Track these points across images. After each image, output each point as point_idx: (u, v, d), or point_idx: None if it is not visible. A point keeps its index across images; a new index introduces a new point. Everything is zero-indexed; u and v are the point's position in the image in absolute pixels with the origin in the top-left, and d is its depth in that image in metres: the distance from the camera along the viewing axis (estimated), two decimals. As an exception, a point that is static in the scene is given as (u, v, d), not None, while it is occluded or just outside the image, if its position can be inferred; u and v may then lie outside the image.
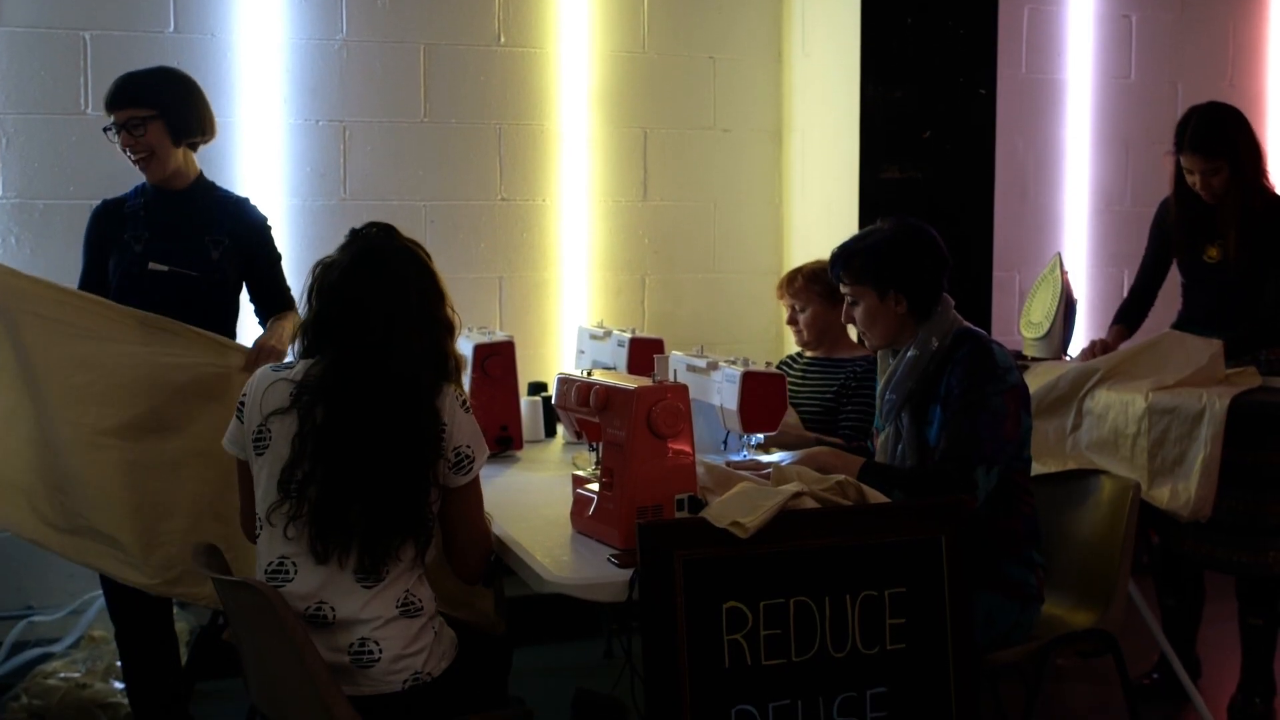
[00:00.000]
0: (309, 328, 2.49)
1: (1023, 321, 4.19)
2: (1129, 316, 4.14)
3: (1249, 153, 3.79)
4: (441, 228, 4.48)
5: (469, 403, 2.50)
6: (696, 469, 2.57)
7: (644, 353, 3.58)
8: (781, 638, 2.32)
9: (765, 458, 3.02)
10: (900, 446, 2.93)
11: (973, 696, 2.46)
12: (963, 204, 4.49)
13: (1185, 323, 3.97)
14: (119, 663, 3.62)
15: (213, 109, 3.49)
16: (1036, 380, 3.67)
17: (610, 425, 2.55)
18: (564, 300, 4.69)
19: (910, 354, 2.92)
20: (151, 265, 3.35)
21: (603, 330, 3.92)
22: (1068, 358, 4.04)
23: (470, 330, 3.67)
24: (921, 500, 2.64)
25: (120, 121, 3.31)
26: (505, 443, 3.53)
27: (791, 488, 2.40)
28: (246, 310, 3.59)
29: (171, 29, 4.15)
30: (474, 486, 2.50)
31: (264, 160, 4.28)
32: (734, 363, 3.05)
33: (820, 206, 4.67)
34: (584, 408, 2.60)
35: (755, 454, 3.07)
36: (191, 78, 3.48)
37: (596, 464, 2.67)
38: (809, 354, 3.88)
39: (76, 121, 4.06)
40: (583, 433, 2.73)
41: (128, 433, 3.15)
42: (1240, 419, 3.34)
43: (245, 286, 3.54)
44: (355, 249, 2.50)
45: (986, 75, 4.51)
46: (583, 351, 4.01)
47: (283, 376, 2.47)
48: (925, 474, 2.82)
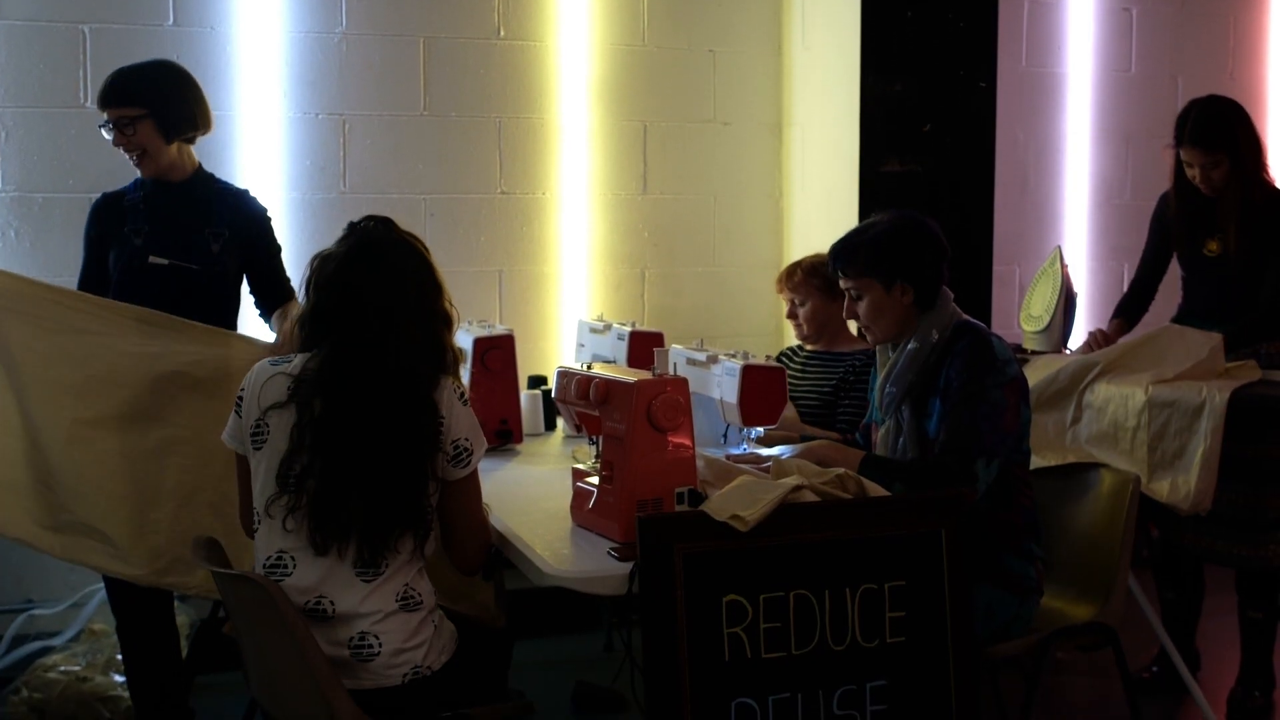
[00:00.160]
0: (306, 320, 2.49)
1: (1023, 315, 4.18)
2: (1129, 310, 4.14)
3: (1249, 146, 3.78)
4: (441, 221, 4.48)
5: (467, 395, 2.50)
6: (696, 462, 2.57)
7: (644, 346, 3.58)
8: (781, 631, 2.33)
9: (765, 451, 3.02)
10: (901, 440, 2.93)
11: (972, 689, 2.46)
12: (963, 197, 4.48)
13: (1185, 316, 3.97)
14: (119, 656, 3.62)
15: (209, 102, 3.49)
16: (1036, 374, 3.67)
17: (610, 419, 2.55)
18: (564, 293, 4.68)
19: (911, 346, 2.92)
20: (152, 259, 3.35)
21: (603, 324, 3.92)
22: (1068, 351, 4.04)
23: (470, 324, 3.67)
24: (921, 493, 2.65)
25: (111, 119, 3.32)
26: (505, 436, 3.53)
27: (791, 481, 2.40)
28: (248, 302, 3.59)
29: (171, 22, 4.14)
30: (472, 479, 2.51)
31: (263, 154, 4.27)
32: (734, 356, 3.05)
33: (820, 199, 4.67)
34: (584, 401, 2.60)
35: (755, 447, 3.07)
36: (186, 71, 3.47)
37: (596, 457, 2.67)
38: (809, 347, 3.88)
39: (76, 115, 4.06)
40: (582, 426, 2.73)
41: (109, 423, 3.14)
42: (1240, 412, 3.34)
43: (246, 279, 3.54)
44: (353, 242, 2.50)
45: (987, 68, 4.50)
46: (582, 345, 4.01)
47: (280, 370, 2.47)
48: (925, 467, 2.82)
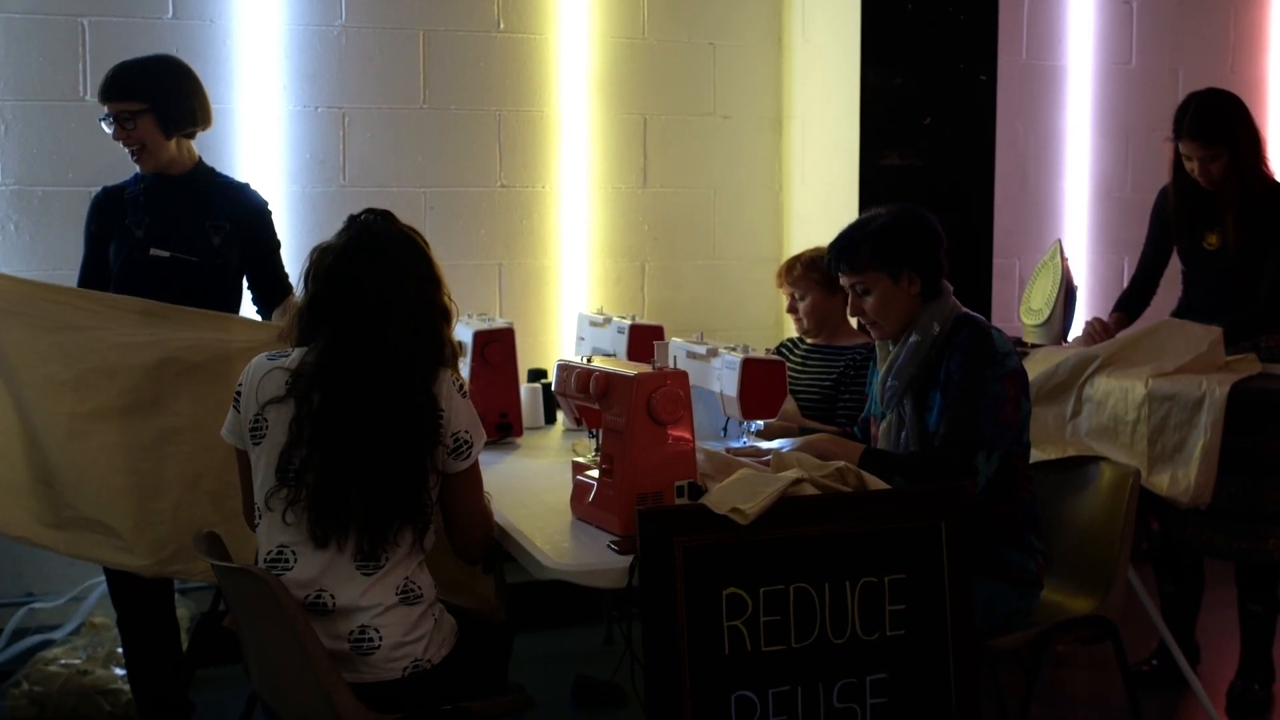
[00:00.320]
0: (304, 312, 2.48)
1: (1023, 308, 4.18)
2: (1130, 305, 4.14)
3: (1248, 139, 3.78)
4: (441, 214, 4.48)
5: (466, 388, 2.50)
6: (696, 455, 2.57)
7: (644, 339, 3.58)
8: (781, 624, 2.33)
9: (765, 444, 3.02)
10: (904, 434, 2.92)
11: (972, 682, 2.46)
12: (963, 190, 4.48)
13: (1185, 310, 3.96)
14: (120, 649, 3.62)
15: (210, 96, 3.48)
16: (1036, 367, 3.66)
17: (610, 412, 2.55)
18: (564, 287, 4.68)
19: (912, 339, 2.91)
20: (153, 251, 3.35)
21: (602, 317, 3.92)
22: (1067, 344, 4.03)
23: (470, 317, 3.67)
24: (921, 487, 2.64)
25: (112, 114, 3.31)
26: (505, 430, 3.53)
27: (791, 474, 2.40)
28: (249, 296, 3.59)
29: (170, 15, 4.13)
30: (473, 471, 2.50)
31: (263, 147, 4.27)
32: (734, 349, 3.05)
33: (820, 193, 4.66)
34: (584, 394, 2.60)
35: (755, 441, 3.07)
36: (187, 66, 3.46)
37: (596, 451, 2.67)
38: (809, 341, 3.88)
39: (75, 108, 4.05)
40: (582, 419, 2.73)
41: (107, 416, 3.14)
42: (1240, 406, 3.34)
43: (245, 274, 3.53)
44: (352, 234, 2.50)
45: (987, 61, 4.49)
46: (582, 338, 4.01)
47: (278, 365, 2.47)
48: (925, 460, 2.82)
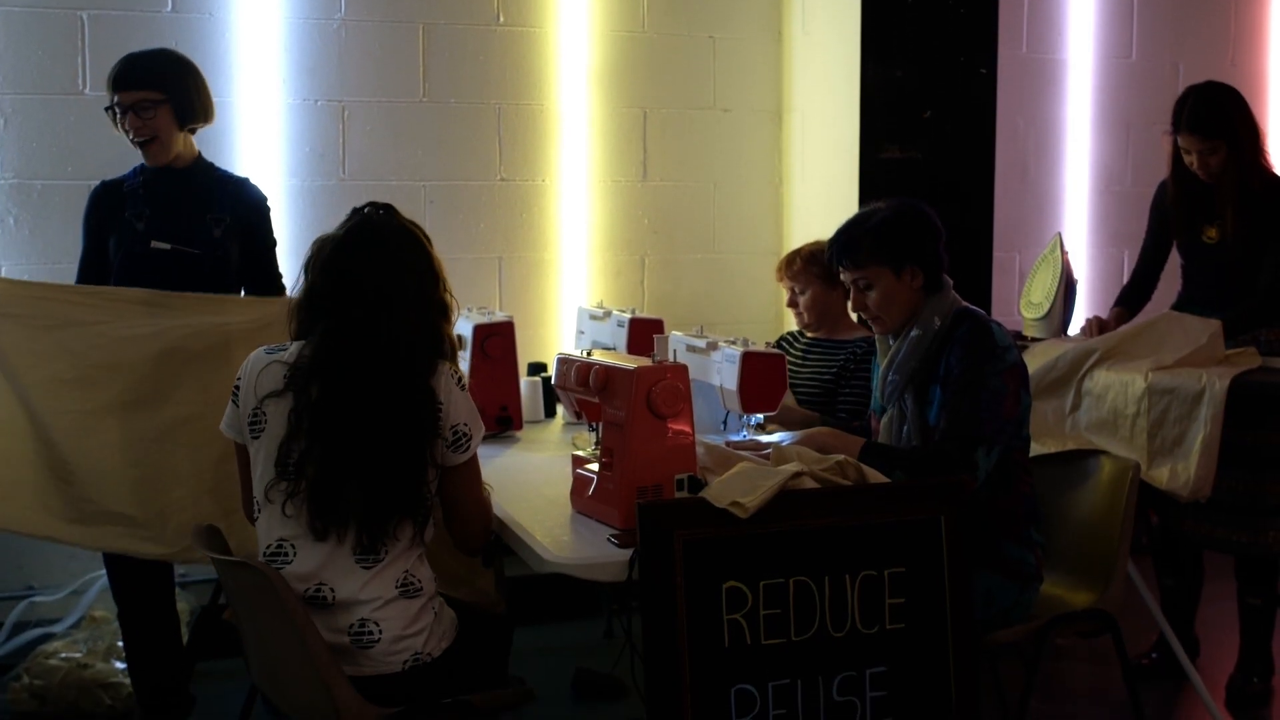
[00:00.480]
0: (303, 302, 2.48)
1: (1023, 302, 4.18)
2: (1130, 299, 4.14)
3: (1247, 132, 3.77)
4: (441, 208, 4.48)
5: (465, 381, 2.50)
6: (696, 449, 2.57)
7: (644, 333, 3.58)
8: (781, 617, 2.33)
9: (765, 438, 3.02)
10: (905, 428, 2.92)
11: (972, 676, 2.46)
12: (963, 184, 4.48)
13: (1185, 303, 3.96)
14: (120, 643, 3.63)
15: (211, 90, 3.49)
16: (1034, 361, 3.66)
17: (610, 405, 2.55)
18: (564, 280, 4.68)
19: (914, 333, 2.91)
20: (154, 244, 3.34)
21: (602, 310, 3.92)
22: (1066, 338, 4.03)
23: (470, 310, 3.67)
24: (921, 480, 2.64)
25: (128, 103, 3.29)
26: (505, 423, 3.53)
27: (791, 468, 2.40)
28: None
29: (169, 8, 4.13)
30: (472, 463, 2.51)
31: (262, 141, 4.27)
32: (734, 343, 3.05)
33: (820, 186, 4.66)
34: (584, 388, 2.60)
35: (755, 434, 3.07)
36: (193, 61, 3.47)
37: (596, 444, 2.67)
38: (810, 335, 3.87)
39: (75, 102, 4.05)
40: (582, 413, 2.73)
41: (116, 410, 3.15)
42: (1240, 399, 3.34)
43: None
44: (354, 226, 2.50)
45: (987, 55, 4.49)
46: (582, 332, 4.01)
47: (276, 359, 2.47)
48: (925, 455, 2.82)
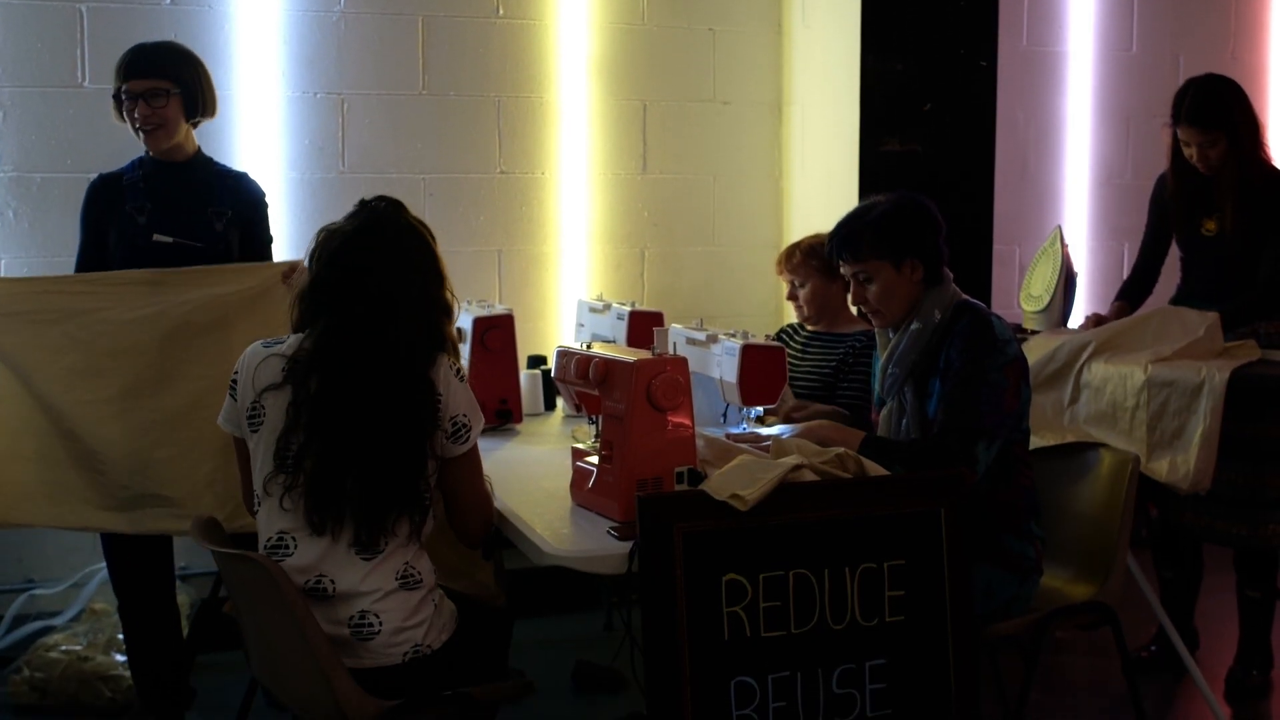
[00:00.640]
0: (306, 293, 2.48)
1: (1023, 295, 4.17)
2: (1131, 293, 4.13)
3: (1246, 125, 3.77)
4: (440, 200, 4.47)
5: (463, 372, 2.50)
6: (696, 442, 2.57)
7: (643, 326, 3.58)
8: (781, 610, 2.33)
9: (765, 430, 3.02)
10: (905, 421, 2.92)
11: (971, 668, 2.46)
12: (963, 177, 4.47)
13: (1184, 296, 3.96)
14: (120, 635, 3.63)
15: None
16: (1031, 354, 3.64)
17: (610, 398, 2.55)
18: (563, 273, 4.68)
19: (914, 326, 2.91)
20: (156, 237, 3.34)
21: (602, 303, 3.92)
22: (1063, 330, 4.02)
23: (469, 303, 3.67)
24: (921, 473, 2.64)
25: (138, 91, 3.29)
26: (505, 416, 3.53)
27: (791, 460, 2.40)
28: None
29: (168, 1, 4.12)
30: (472, 454, 2.51)
31: (262, 133, 4.26)
32: (734, 335, 3.05)
33: (820, 179, 4.66)
34: (583, 381, 2.60)
35: (755, 427, 3.07)
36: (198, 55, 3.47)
37: (596, 437, 2.67)
38: (810, 328, 3.87)
39: (74, 94, 4.04)
40: (582, 406, 2.73)
41: (133, 394, 3.17)
42: (1240, 392, 3.34)
43: None
44: (363, 219, 2.50)
45: (987, 47, 4.48)
46: (582, 324, 4.01)
47: (274, 352, 2.47)
48: (925, 448, 2.81)
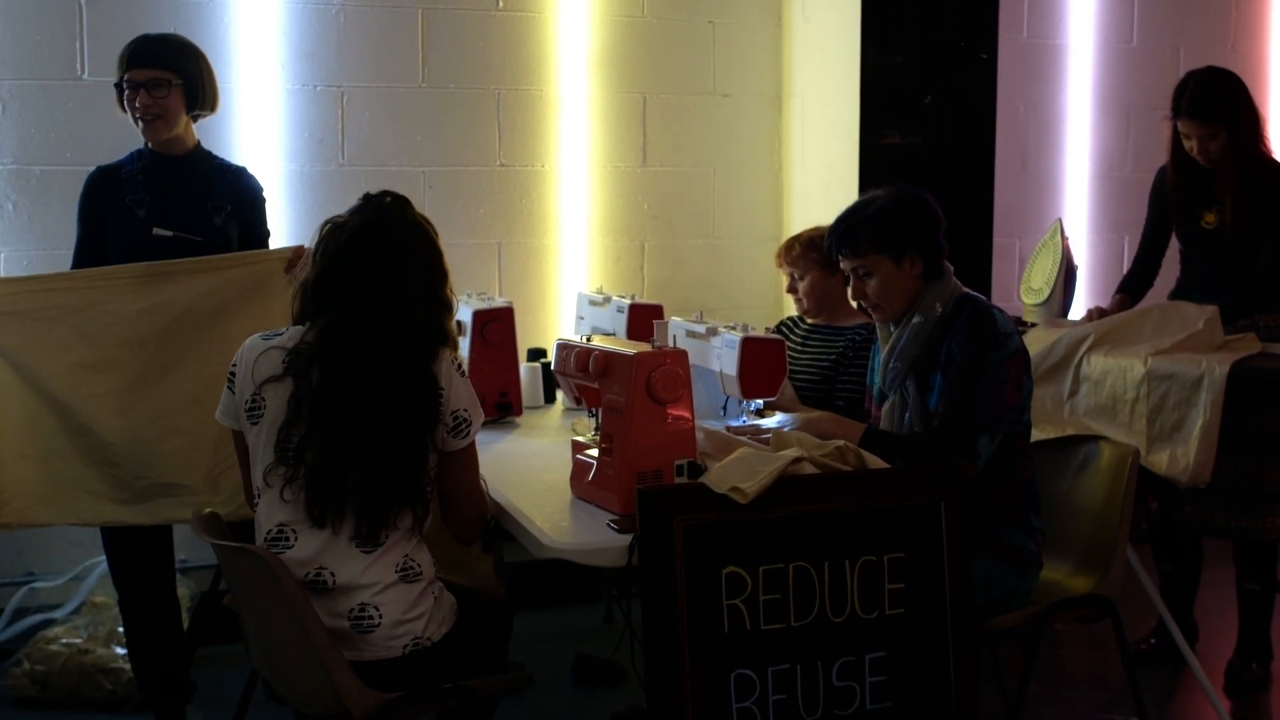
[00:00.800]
0: (309, 287, 2.48)
1: (1023, 287, 4.17)
2: (1132, 286, 4.12)
3: (1246, 118, 3.77)
4: (440, 193, 4.47)
5: (464, 368, 2.50)
6: (696, 434, 2.57)
7: (643, 318, 3.58)
8: (781, 603, 2.33)
9: (765, 423, 3.02)
10: (907, 415, 2.92)
11: (971, 661, 2.46)
12: (963, 170, 4.47)
13: (1184, 289, 3.96)
14: (120, 628, 3.63)
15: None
16: (1031, 347, 3.64)
17: (610, 391, 2.55)
18: (563, 266, 4.67)
19: (915, 320, 2.91)
20: (156, 231, 3.34)
21: (602, 296, 3.92)
22: (1063, 321, 4.02)
23: (469, 296, 3.67)
24: (920, 466, 2.64)
25: (140, 80, 3.28)
26: (504, 409, 3.53)
27: (791, 453, 2.40)
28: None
29: (168, -7, 4.12)
30: (471, 450, 2.51)
31: (262, 126, 4.25)
32: (733, 328, 3.05)
33: (820, 172, 4.65)
34: (583, 373, 2.60)
35: (755, 419, 3.07)
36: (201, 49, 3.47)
37: (596, 430, 2.67)
38: (809, 321, 3.87)
39: (74, 87, 4.03)
40: (582, 398, 2.73)
41: (141, 385, 3.17)
42: (1240, 385, 3.34)
43: None
44: (369, 214, 2.50)
45: (987, 40, 4.48)
46: (582, 317, 4.01)
47: (273, 344, 2.46)
48: (927, 442, 2.82)
